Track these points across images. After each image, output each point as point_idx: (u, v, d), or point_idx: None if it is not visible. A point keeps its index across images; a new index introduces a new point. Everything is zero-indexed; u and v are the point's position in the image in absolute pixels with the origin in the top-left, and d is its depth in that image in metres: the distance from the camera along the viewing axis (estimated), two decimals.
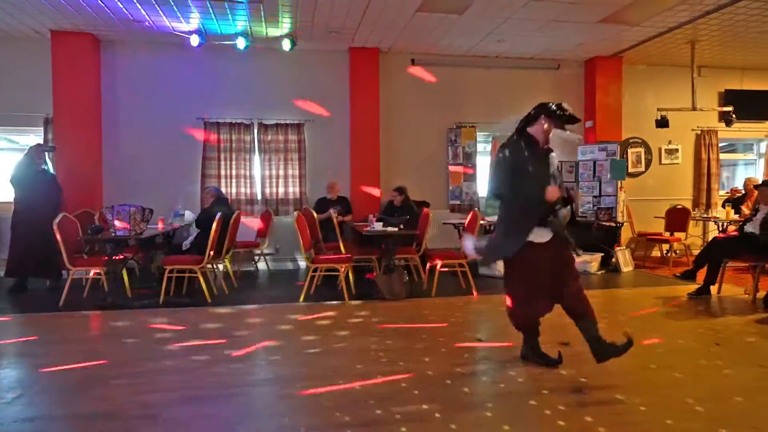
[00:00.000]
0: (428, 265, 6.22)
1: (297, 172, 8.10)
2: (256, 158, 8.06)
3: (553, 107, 3.40)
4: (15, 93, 7.35)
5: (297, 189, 8.10)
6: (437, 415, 2.78)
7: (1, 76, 7.35)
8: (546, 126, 3.41)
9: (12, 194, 6.31)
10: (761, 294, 5.40)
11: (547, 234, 3.33)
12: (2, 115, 7.34)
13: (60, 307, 5.34)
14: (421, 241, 6.47)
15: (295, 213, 5.83)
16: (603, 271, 7.50)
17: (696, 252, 6.79)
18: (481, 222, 6.55)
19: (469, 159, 8.45)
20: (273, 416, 2.84)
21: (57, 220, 5.35)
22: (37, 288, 6.28)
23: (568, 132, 3.53)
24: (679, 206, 8.46)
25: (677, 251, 8.42)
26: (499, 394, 3.09)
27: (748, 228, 5.71)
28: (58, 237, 5.29)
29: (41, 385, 3.27)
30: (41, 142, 7.26)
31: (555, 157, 3.49)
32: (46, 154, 6.43)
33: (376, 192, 8.08)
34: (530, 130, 3.44)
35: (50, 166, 6.60)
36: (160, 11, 6.49)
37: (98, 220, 6.49)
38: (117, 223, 5.39)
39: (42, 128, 7.42)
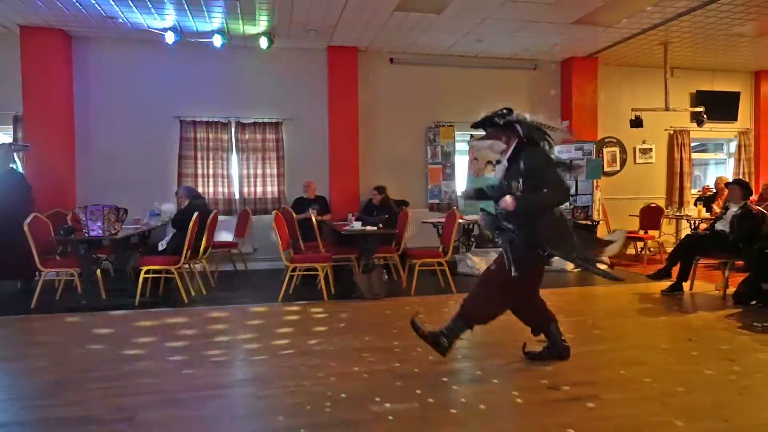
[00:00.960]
0: (407, 263, 6.24)
1: (275, 171, 8.04)
2: (234, 157, 7.98)
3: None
4: None
5: (275, 188, 8.05)
6: (417, 413, 2.79)
7: None
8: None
9: None
10: (731, 290, 5.55)
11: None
12: None
13: (31, 309, 5.21)
14: (401, 240, 6.49)
15: (274, 212, 5.79)
16: (579, 270, 7.60)
17: (669, 249, 6.95)
18: (460, 221, 6.59)
19: (447, 158, 8.49)
20: (251, 417, 2.81)
21: (28, 220, 5.22)
22: (7, 290, 6.11)
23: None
24: (653, 205, 8.64)
25: (651, 249, 8.60)
26: (477, 390, 3.12)
27: (719, 226, 5.86)
28: (30, 237, 5.16)
29: (12, 389, 3.19)
30: (11, 140, 7.07)
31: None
32: (15, 153, 6.24)
33: (354, 191, 8.07)
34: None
35: (18, 165, 6.41)
36: (134, 7, 6.38)
37: (71, 221, 6.34)
38: (90, 223, 5.27)
39: (11, 126, 7.22)
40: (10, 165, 6.14)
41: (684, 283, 5.88)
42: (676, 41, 7.96)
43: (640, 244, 8.71)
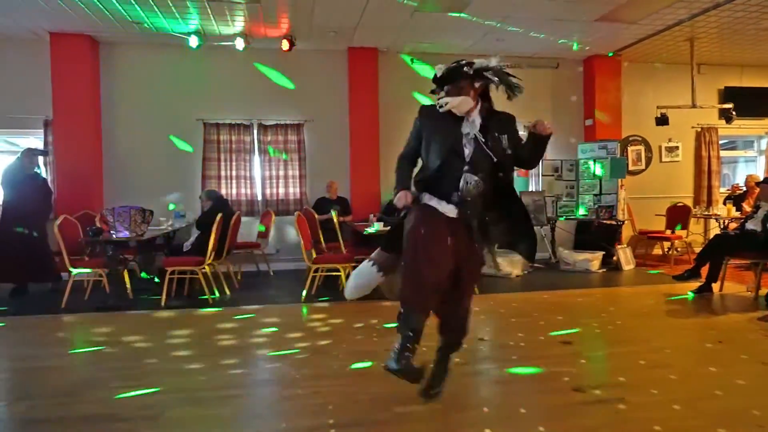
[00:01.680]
0: None
1: (297, 173, 8.09)
2: (256, 159, 8.06)
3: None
4: (15, 95, 7.34)
5: (297, 189, 8.10)
6: (441, 414, 2.77)
7: (1, 78, 7.34)
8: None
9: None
10: (763, 291, 5.40)
11: (451, 209, 2.74)
12: (2, 117, 7.33)
13: (61, 309, 5.34)
14: None
15: (296, 213, 5.82)
16: (604, 270, 7.50)
17: (697, 250, 6.78)
18: None
19: None
20: (274, 417, 2.83)
21: (58, 221, 5.36)
22: (38, 290, 6.27)
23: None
24: (680, 204, 8.45)
25: (678, 249, 8.42)
26: (499, 393, 3.08)
27: (750, 225, 5.71)
28: (60, 239, 5.29)
29: (43, 387, 3.27)
30: (38, 145, 7.26)
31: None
32: (39, 158, 6.39)
33: (375, 191, 8.08)
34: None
35: (42, 170, 6.54)
36: (158, 12, 6.49)
37: (98, 222, 6.48)
38: (117, 225, 5.38)
39: (42, 130, 7.41)
40: (34, 170, 6.29)
41: (713, 284, 5.73)
42: (703, 37, 7.78)
43: (666, 244, 8.53)
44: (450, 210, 2.74)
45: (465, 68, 2.78)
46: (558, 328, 4.41)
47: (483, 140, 2.71)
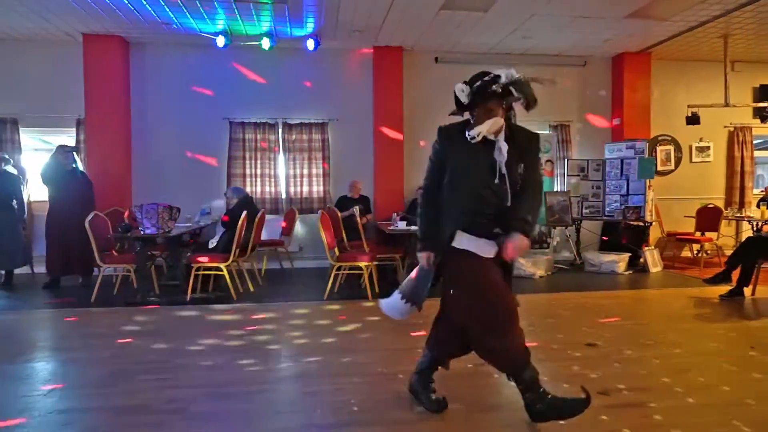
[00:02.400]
0: None
1: (321, 171, 8.15)
2: (281, 157, 8.13)
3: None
4: (49, 95, 7.57)
5: (321, 188, 8.15)
6: (462, 414, 2.76)
7: (36, 79, 7.57)
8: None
9: (46, 194, 6.51)
10: None
11: (491, 249, 2.52)
12: (37, 116, 7.57)
13: (92, 303, 5.49)
14: None
15: (319, 212, 5.86)
16: (630, 272, 7.36)
17: (728, 253, 6.60)
18: None
19: None
20: (297, 412, 2.86)
21: (89, 218, 5.50)
22: (69, 284, 6.45)
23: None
24: (711, 205, 8.24)
25: (708, 252, 8.21)
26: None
27: None
28: (90, 235, 5.43)
29: (74, 378, 3.37)
30: (73, 143, 7.47)
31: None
32: (73, 154, 6.59)
33: (399, 191, 8.09)
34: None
35: (80, 165, 6.76)
36: (186, 13, 6.60)
37: (127, 219, 6.64)
38: (146, 221, 5.50)
39: (74, 129, 7.62)
40: (72, 166, 6.48)
41: (745, 288, 5.57)
42: (738, 33, 7.56)
43: (696, 247, 8.33)
44: (490, 250, 2.49)
45: (493, 86, 2.44)
46: (583, 330, 4.35)
47: (506, 172, 2.44)
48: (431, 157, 2.66)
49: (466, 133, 2.50)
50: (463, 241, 2.50)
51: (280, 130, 8.10)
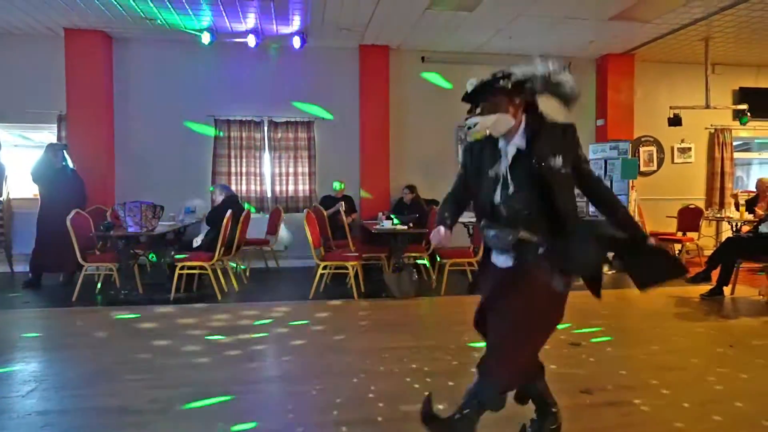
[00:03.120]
0: (437, 263, 6.21)
1: (307, 170, 8.12)
2: (266, 156, 8.09)
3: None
4: (30, 90, 7.43)
5: (307, 187, 8.12)
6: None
7: (17, 73, 7.43)
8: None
9: (35, 191, 6.40)
10: None
11: (505, 260, 2.29)
12: (17, 112, 7.43)
13: (73, 302, 5.40)
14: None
15: (305, 211, 5.84)
16: (614, 271, 7.44)
17: (708, 252, 6.72)
18: None
19: None
20: (281, 413, 2.85)
21: (70, 216, 5.42)
22: (50, 283, 6.35)
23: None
24: (692, 206, 8.37)
25: (689, 251, 8.33)
26: (508, 394, 3.07)
27: (764, 228, 5.64)
28: (72, 233, 5.35)
29: (54, 379, 3.31)
30: (54, 139, 7.34)
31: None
32: (63, 152, 6.49)
33: (385, 190, 8.09)
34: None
35: (70, 162, 6.65)
36: (171, 9, 6.53)
37: (110, 217, 6.55)
38: (128, 219, 5.43)
39: (56, 125, 7.50)
40: (62, 163, 6.38)
41: (725, 288, 5.67)
42: (719, 36, 7.69)
43: (677, 247, 8.45)
44: (504, 261, 2.29)
45: (501, 81, 2.25)
46: (567, 330, 4.39)
47: (534, 161, 2.18)
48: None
49: (465, 125, 2.32)
50: (493, 253, 2.37)
51: (265, 129, 8.05)
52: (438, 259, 6.23)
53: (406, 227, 6.04)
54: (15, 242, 7.18)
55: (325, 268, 5.84)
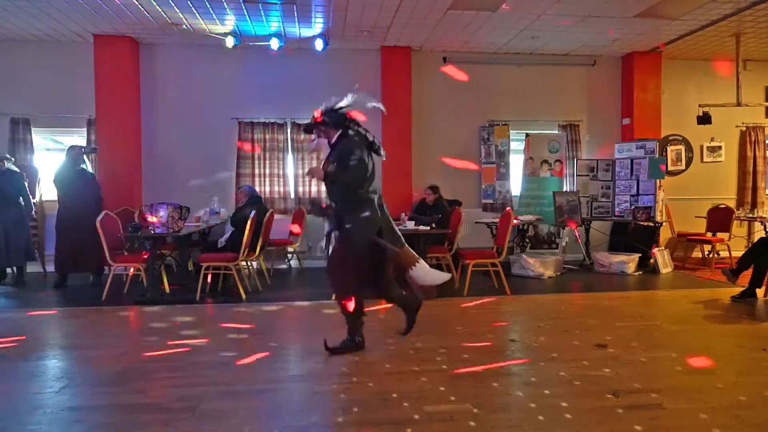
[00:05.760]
0: (460, 264, 6.18)
1: None
2: (290, 157, 8.16)
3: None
4: (60, 95, 7.64)
5: None
6: (470, 414, 2.76)
7: (48, 79, 7.64)
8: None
9: (56, 194, 6.58)
10: None
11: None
12: (48, 116, 7.65)
13: (102, 301, 5.53)
14: (453, 240, 6.43)
15: None
16: (640, 272, 7.31)
17: (740, 254, 6.54)
18: (514, 221, 6.45)
19: (502, 157, 8.36)
20: (306, 411, 2.87)
21: (100, 217, 5.55)
22: (80, 283, 6.51)
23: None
24: (722, 205, 8.17)
25: (719, 252, 8.13)
26: (532, 395, 3.04)
27: None
28: (101, 234, 5.48)
29: (85, 376, 3.40)
30: (84, 143, 7.53)
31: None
32: (87, 155, 6.65)
33: (407, 190, 8.09)
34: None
35: (89, 166, 6.81)
36: (196, 13, 6.64)
37: (137, 218, 6.69)
38: (155, 220, 5.54)
39: (85, 129, 7.69)
40: (81, 166, 6.54)
41: (758, 290, 5.52)
42: (750, 32, 7.49)
43: (707, 248, 8.26)
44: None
45: (326, 118, 4.15)
46: (593, 331, 4.33)
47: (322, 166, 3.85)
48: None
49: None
50: None
51: (288, 130, 8.12)
52: (460, 260, 6.19)
53: (428, 228, 6.03)
54: (47, 243, 7.40)
55: None
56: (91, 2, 6.22)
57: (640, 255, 7.46)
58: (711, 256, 7.94)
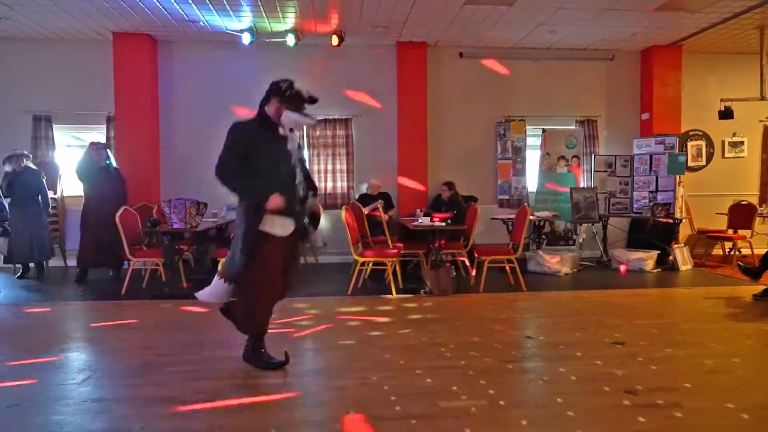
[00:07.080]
0: (476, 260, 6.16)
1: (345, 167, 8.18)
2: (306, 153, 8.19)
3: (283, 87, 3.49)
4: (80, 93, 7.76)
5: (345, 184, 8.19)
6: (486, 411, 2.76)
7: (68, 77, 7.77)
8: (277, 107, 3.46)
9: (81, 189, 6.70)
10: None
11: (290, 225, 3.28)
12: (69, 113, 7.77)
13: (122, 295, 5.63)
14: (469, 236, 6.42)
15: (343, 207, 5.89)
16: (659, 270, 7.21)
17: (762, 251, 6.42)
18: (531, 217, 6.41)
19: (518, 153, 8.30)
20: (322, 405, 2.89)
21: (119, 213, 5.64)
22: (100, 278, 6.63)
23: (298, 115, 3.51)
24: (744, 202, 8.02)
25: (741, 250, 7.99)
26: (548, 393, 3.03)
27: None
28: (121, 229, 5.57)
29: (107, 368, 3.46)
30: (103, 139, 7.64)
31: (294, 141, 3.52)
32: (106, 150, 6.76)
33: (423, 186, 8.07)
34: (267, 110, 3.52)
35: (113, 161, 6.93)
36: (213, 10, 6.69)
37: (156, 214, 6.78)
38: (173, 216, 5.61)
39: (104, 126, 7.81)
40: (105, 162, 6.65)
41: None
42: None
43: (728, 245, 8.11)
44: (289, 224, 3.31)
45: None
46: (609, 329, 4.29)
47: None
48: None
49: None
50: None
51: (304, 126, 8.14)
52: (476, 256, 6.17)
53: (444, 224, 6.02)
54: (68, 238, 7.54)
55: (363, 264, 5.88)
56: (111, 0, 6.29)
57: (659, 252, 7.36)
58: (732, 253, 7.81)
